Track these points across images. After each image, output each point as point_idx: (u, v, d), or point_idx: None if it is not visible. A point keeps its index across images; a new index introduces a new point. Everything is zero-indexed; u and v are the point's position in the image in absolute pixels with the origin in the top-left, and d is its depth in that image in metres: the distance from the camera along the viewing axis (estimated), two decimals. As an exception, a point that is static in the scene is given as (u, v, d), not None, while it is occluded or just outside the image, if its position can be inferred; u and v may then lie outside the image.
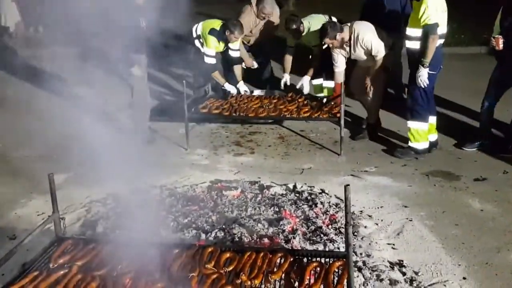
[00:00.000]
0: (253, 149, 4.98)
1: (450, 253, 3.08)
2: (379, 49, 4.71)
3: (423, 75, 4.26)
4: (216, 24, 5.42)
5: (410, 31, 4.33)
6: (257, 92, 5.78)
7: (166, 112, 5.71)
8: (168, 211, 3.51)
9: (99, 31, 3.04)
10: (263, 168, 4.46)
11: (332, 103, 5.00)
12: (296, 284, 2.31)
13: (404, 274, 2.85)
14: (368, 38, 4.69)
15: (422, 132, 4.48)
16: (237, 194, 3.76)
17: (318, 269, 2.37)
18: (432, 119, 4.60)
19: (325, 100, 5.10)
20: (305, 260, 2.49)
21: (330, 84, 5.52)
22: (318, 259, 2.49)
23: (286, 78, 5.65)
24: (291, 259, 2.46)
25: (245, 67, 5.89)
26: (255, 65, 5.87)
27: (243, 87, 5.70)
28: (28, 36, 9.74)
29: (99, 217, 3.52)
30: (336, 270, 2.37)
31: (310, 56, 5.67)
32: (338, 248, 2.99)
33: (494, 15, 4.50)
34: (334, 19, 5.29)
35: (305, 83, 5.44)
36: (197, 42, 5.53)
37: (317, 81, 5.74)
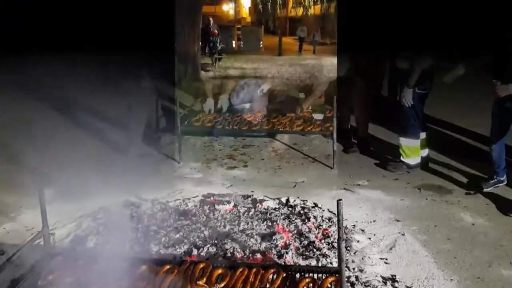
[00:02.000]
0: (246, 162, 4.97)
1: (443, 268, 3.07)
2: None
3: (407, 96, 4.27)
4: None
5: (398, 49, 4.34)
6: None
7: (159, 126, 5.69)
8: (159, 226, 3.47)
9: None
10: (256, 182, 4.45)
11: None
12: (289, 300, 2.29)
13: (397, 289, 2.83)
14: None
15: (414, 148, 4.50)
16: (229, 208, 3.74)
17: (311, 285, 2.36)
18: (423, 135, 4.62)
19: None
20: (297, 275, 2.47)
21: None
22: (311, 274, 2.47)
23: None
24: (284, 275, 2.44)
25: None
26: None
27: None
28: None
29: (89, 232, 3.47)
30: (329, 286, 2.35)
31: None
32: (331, 263, 2.98)
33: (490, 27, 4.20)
34: None
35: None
36: None
37: None
